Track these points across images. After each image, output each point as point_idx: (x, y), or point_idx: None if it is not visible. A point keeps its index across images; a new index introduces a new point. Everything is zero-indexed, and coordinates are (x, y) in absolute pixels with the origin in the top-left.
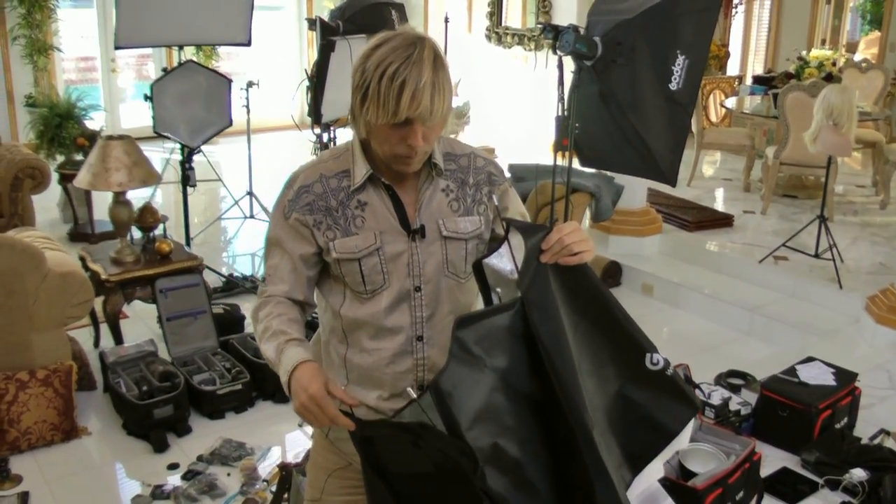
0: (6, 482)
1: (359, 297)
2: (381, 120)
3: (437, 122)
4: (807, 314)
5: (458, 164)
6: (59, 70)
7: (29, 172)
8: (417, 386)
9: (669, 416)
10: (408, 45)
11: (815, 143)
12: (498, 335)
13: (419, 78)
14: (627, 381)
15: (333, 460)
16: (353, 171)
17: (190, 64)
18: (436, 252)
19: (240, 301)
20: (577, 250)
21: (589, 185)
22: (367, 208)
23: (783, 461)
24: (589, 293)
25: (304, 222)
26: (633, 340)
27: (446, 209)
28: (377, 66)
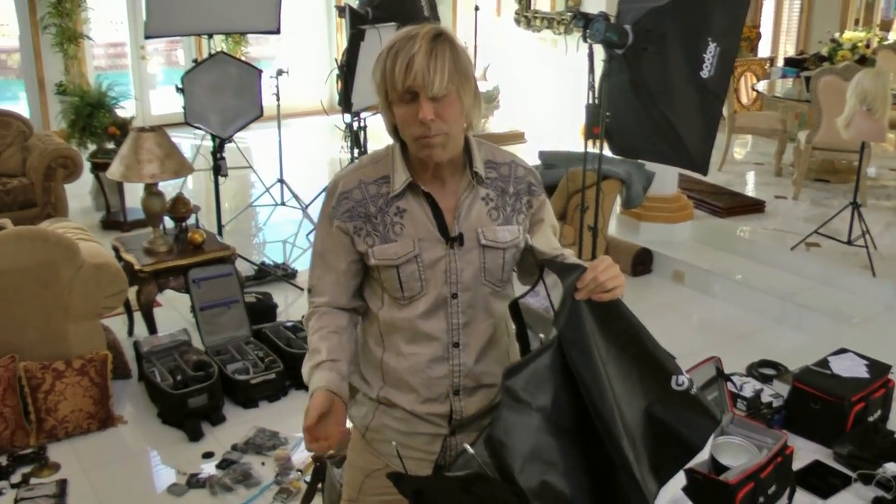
0: (45, 470)
1: (396, 301)
2: (390, 97)
3: (447, 97)
4: (839, 302)
5: (499, 172)
6: (89, 57)
7: (61, 162)
8: (453, 391)
9: (694, 432)
10: (412, 28)
11: (849, 129)
12: (541, 375)
13: (412, 47)
14: (655, 401)
15: (371, 461)
16: (392, 177)
17: (220, 55)
18: (474, 260)
19: (272, 289)
20: (610, 286)
21: (620, 171)
22: (406, 215)
23: (815, 454)
24: (620, 323)
25: (345, 229)
26: (660, 365)
27: (486, 218)
28: (384, 50)
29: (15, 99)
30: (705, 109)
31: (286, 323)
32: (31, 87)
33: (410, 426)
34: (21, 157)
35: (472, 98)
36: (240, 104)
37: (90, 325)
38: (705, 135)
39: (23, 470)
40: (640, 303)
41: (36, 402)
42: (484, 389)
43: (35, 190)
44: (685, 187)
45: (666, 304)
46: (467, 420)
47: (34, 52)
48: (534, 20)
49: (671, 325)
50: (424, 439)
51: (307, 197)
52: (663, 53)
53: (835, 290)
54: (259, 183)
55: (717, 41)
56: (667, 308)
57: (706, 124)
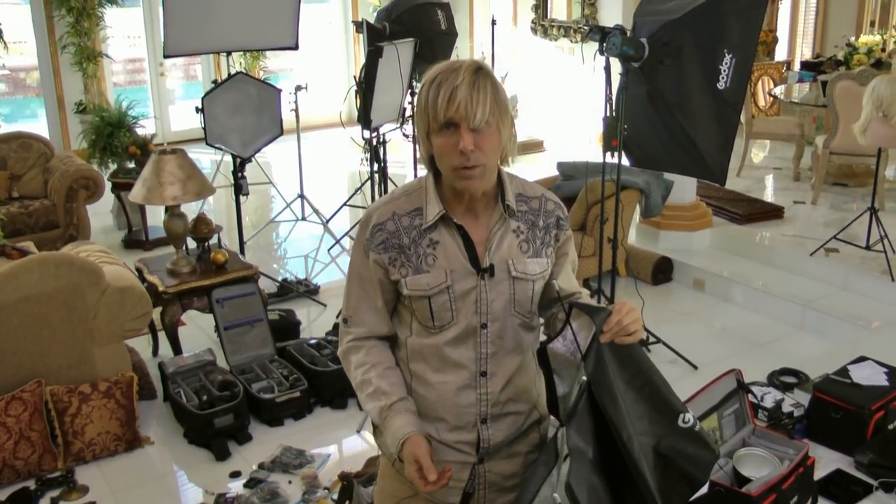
0: (73, 493)
1: (426, 329)
2: (430, 127)
3: (487, 129)
4: (859, 307)
5: (530, 206)
6: (107, 74)
7: (83, 183)
8: (480, 420)
9: (697, 467)
10: (455, 61)
11: (865, 135)
12: (583, 419)
13: (455, 79)
14: (662, 438)
15: (401, 488)
16: (425, 209)
17: (240, 76)
18: (504, 291)
19: (294, 305)
20: (632, 330)
21: (638, 181)
22: (439, 247)
23: (837, 462)
24: (636, 365)
25: (380, 262)
26: (669, 404)
27: (516, 250)
28: (425, 82)
29: (34, 117)
30: (722, 120)
31: (310, 340)
32: (50, 106)
33: (439, 455)
34: (43, 178)
35: (509, 132)
36: (260, 123)
37: (115, 348)
38: (723, 145)
39: (51, 494)
40: (661, 311)
41: (63, 426)
42: (511, 417)
43: (57, 211)
44: (704, 195)
45: (687, 312)
46: (495, 448)
47: (53, 71)
48: (550, 29)
49: (692, 333)
50: (453, 467)
51: (327, 211)
52: (680, 66)
53: (854, 295)
54: (279, 198)
55: (732, 52)
56: (688, 316)
57: (723, 135)
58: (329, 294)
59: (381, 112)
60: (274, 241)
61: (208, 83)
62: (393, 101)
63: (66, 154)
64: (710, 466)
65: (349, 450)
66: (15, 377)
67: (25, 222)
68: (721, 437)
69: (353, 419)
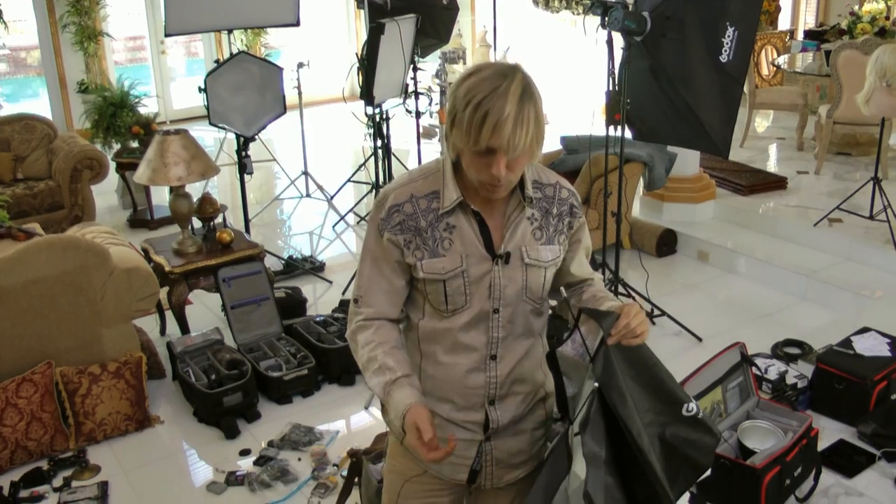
0: (85, 472)
1: (439, 313)
2: (466, 147)
3: (523, 153)
4: (863, 277)
5: (545, 193)
6: (108, 52)
7: (87, 163)
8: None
9: (700, 451)
10: (497, 76)
11: (868, 105)
12: (596, 422)
13: (502, 110)
14: (666, 426)
15: (410, 466)
16: (443, 193)
17: (241, 55)
18: (517, 278)
19: (300, 282)
20: (639, 332)
21: (642, 154)
22: (455, 231)
23: (840, 433)
24: (642, 362)
25: (396, 242)
26: (673, 396)
27: (529, 237)
28: (465, 95)
29: (35, 96)
30: (725, 93)
31: (316, 318)
32: (52, 86)
33: (446, 432)
34: (47, 159)
35: (541, 147)
36: (263, 102)
37: (124, 329)
38: (726, 118)
39: (64, 473)
40: (665, 283)
41: (74, 407)
42: (518, 397)
43: (62, 192)
44: (707, 166)
45: (691, 284)
46: (502, 427)
47: (54, 51)
48: (552, 1)
49: (697, 305)
50: (461, 445)
51: (332, 188)
52: (682, 39)
53: (858, 265)
54: (283, 174)
55: (735, 25)
56: (692, 287)
57: (726, 108)
58: (334, 270)
59: (384, 88)
60: (278, 218)
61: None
62: (395, 78)
63: (69, 135)
64: (713, 450)
65: (357, 426)
66: (25, 359)
67: (30, 204)
68: (725, 410)
69: (361, 396)
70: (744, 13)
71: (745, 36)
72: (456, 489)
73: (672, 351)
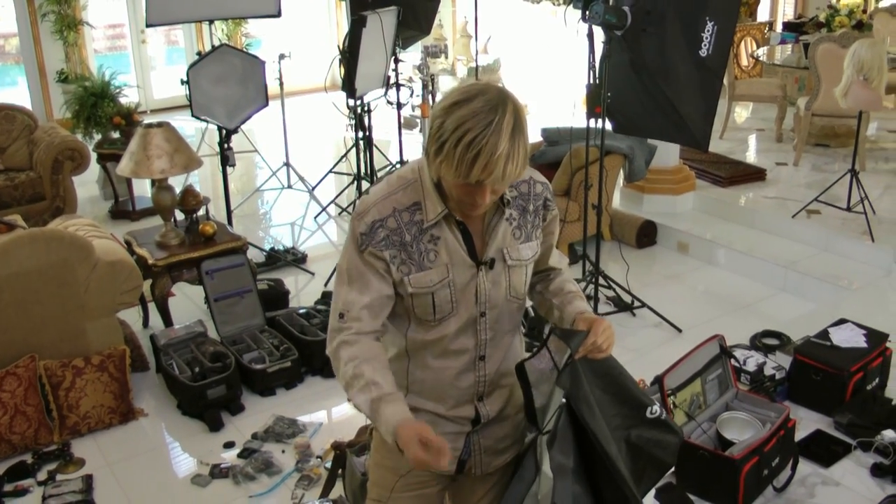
0: (70, 466)
1: (426, 324)
2: (453, 178)
3: (509, 181)
4: (840, 268)
5: (519, 190)
6: (88, 40)
7: (68, 154)
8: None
9: (665, 451)
10: (489, 111)
11: (846, 99)
12: (564, 434)
13: (495, 148)
14: (631, 429)
15: (400, 461)
16: (424, 205)
17: (223, 47)
18: (500, 280)
19: (282, 274)
20: (605, 347)
21: (622, 146)
22: (440, 242)
23: (817, 423)
24: (607, 372)
25: (381, 257)
26: (637, 400)
27: (510, 238)
28: (455, 129)
29: (14, 84)
30: (705, 87)
31: (299, 310)
32: (31, 75)
33: (436, 426)
34: (27, 150)
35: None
36: (245, 94)
37: (107, 322)
38: (705, 112)
39: (48, 467)
40: (645, 275)
41: (57, 400)
42: (505, 389)
43: (43, 183)
44: (687, 158)
45: (671, 275)
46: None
47: (33, 40)
48: None
49: (677, 296)
50: (449, 437)
51: (313, 179)
52: (662, 34)
53: (835, 256)
54: (265, 165)
55: (714, 20)
56: (672, 279)
57: (706, 102)
58: (316, 262)
59: (366, 80)
60: (260, 209)
61: (190, 49)
62: (377, 70)
63: (50, 125)
64: (675, 448)
65: (340, 418)
66: (8, 353)
67: (12, 195)
68: (705, 402)
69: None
70: (723, 8)
71: (724, 31)
72: (444, 479)
73: (652, 342)
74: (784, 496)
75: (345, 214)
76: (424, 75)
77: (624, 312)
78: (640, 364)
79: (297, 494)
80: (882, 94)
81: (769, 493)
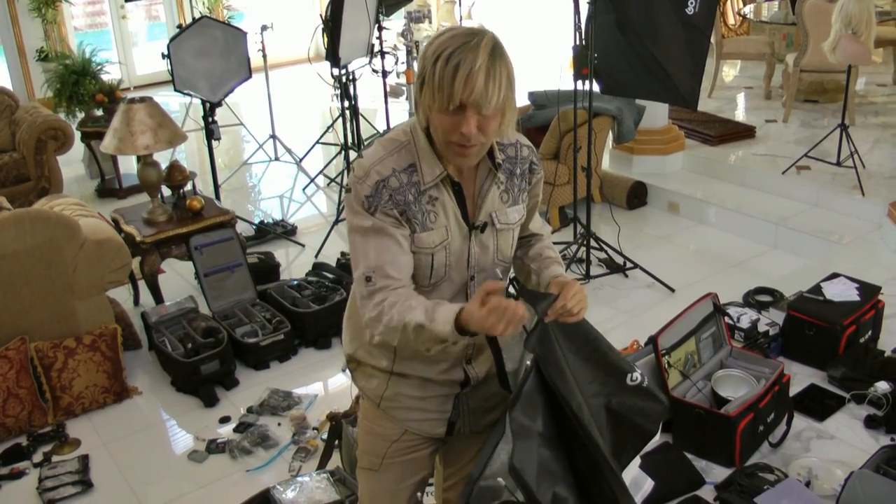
0: (65, 447)
1: (419, 288)
2: (437, 104)
3: (493, 113)
4: (831, 223)
5: (507, 153)
6: (67, 18)
7: (51, 134)
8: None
9: (647, 419)
10: (467, 34)
11: (835, 53)
12: (531, 397)
13: (474, 62)
14: (612, 397)
15: (390, 428)
16: (420, 167)
17: (204, 20)
18: (489, 244)
19: (272, 247)
20: (576, 311)
21: (611, 108)
22: (438, 203)
23: (811, 378)
24: (582, 336)
25: (392, 215)
26: (616, 366)
27: (498, 201)
28: (435, 51)
29: None
30: (692, 46)
31: (291, 282)
32: (10, 55)
33: (425, 391)
34: (10, 131)
35: (513, 112)
36: (228, 67)
37: (97, 301)
38: (693, 70)
39: (43, 449)
40: (636, 235)
41: (50, 381)
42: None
43: (27, 164)
44: (676, 118)
45: (663, 236)
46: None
47: (11, 18)
48: None
49: (669, 256)
50: (438, 401)
51: (300, 150)
52: None
53: (826, 211)
54: (251, 138)
55: None
56: (664, 239)
57: (693, 60)
58: (306, 234)
59: (349, 49)
60: (248, 182)
61: (171, 24)
62: (360, 38)
63: (31, 105)
64: (660, 417)
65: (335, 389)
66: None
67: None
68: (699, 361)
69: (338, 358)
70: None
71: None
72: (434, 441)
73: (645, 302)
74: (780, 451)
75: (333, 185)
76: (408, 42)
77: (616, 274)
78: (634, 325)
79: (295, 467)
80: (871, 47)
81: (765, 448)
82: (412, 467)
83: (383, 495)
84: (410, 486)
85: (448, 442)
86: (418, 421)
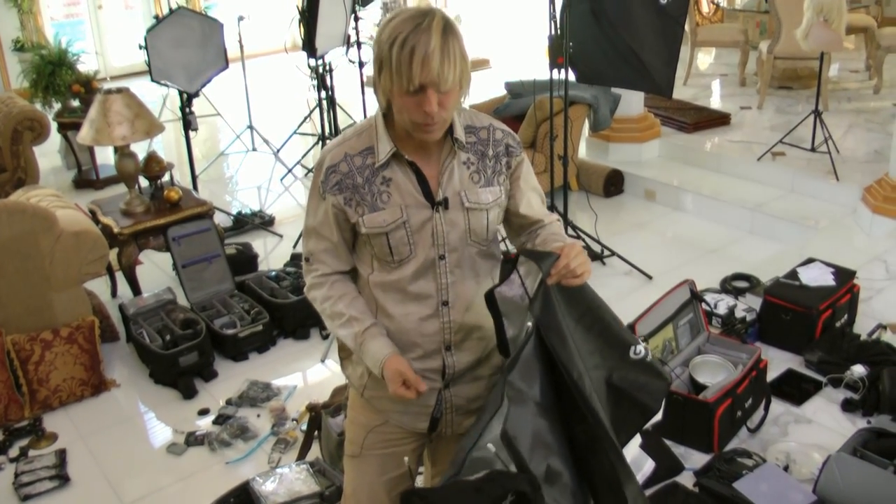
0: (42, 441)
1: (387, 265)
2: (397, 87)
3: (452, 89)
4: (806, 208)
5: (478, 136)
6: (44, 7)
7: (28, 125)
8: (444, 347)
9: (650, 395)
10: (417, 15)
11: (807, 40)
12: (529, 363)
13: (428, 43)
14: (614, 371)
15: (371, 417)
16: (376, 148)
17: (181, 10)
18: (459, 222)
19: (250, 238)
20: (579, 272)
21: (586, 96)
22: (392, 184)
23: (788, 363)
24: (585, 303)
25: (337, 204)
26: (619, 338)
27: (468, 181)
28: (389, 36)
29: None
30: (667, 34)
31: (269, 273)
32: None
33: None
34: None
35: (468, 84)
36: (205, 57)
37: (74, 293)
38: (668, 59)
39: (20, 443)
40: (613, 223)
41: (27, 374)
42: (473, 342)
43: (3, 155)
44: (651, 105)
45: (639, 223)
46: (459, 373)
47: None
48: None
49: (646, 243)
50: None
51: (277, 141)
52: None
53: (802, 196)
54: (228, 129)
55: None
56: (640, 226)
57: (668, 49)
58: (284, 224)
59: (326, 40)
60: (225, 173)
61: (147, 14)
62: (337, 28)
63: (7, 95)
64: (662, 394)
65: (314, 379)
66: None
67: None
68: (677, 347)
69: (317, 349)
70: None
71: None
72: (417, 438)
73: (623, 290)
74: (758, 436)
75: (311, 175)
76: None
77: (594, 262)
78: None
79: (274, 458)
80: (842, 34)
81: (743, 434)
82: (392, 462)
83: (363, 487)
84: (390, 480)
85: (434, 443)
86: (400, 413)
